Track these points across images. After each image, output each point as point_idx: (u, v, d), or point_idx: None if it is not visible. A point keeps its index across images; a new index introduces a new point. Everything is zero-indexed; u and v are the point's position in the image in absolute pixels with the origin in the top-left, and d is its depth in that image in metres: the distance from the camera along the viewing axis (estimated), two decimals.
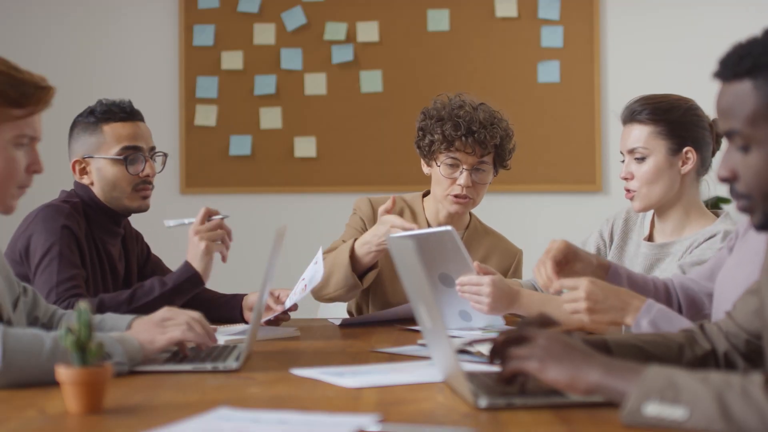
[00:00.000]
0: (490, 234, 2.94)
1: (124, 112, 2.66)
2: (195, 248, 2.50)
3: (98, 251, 2.64)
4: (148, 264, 2.87)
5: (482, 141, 2.71)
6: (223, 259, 2.55)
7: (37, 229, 2.52)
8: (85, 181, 2.66)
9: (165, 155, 2.74)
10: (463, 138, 2.71)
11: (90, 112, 2.68)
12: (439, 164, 2.76)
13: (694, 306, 2.20)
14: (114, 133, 2.63)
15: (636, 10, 4.71)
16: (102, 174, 2.64)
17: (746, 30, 1.50)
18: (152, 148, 2.70)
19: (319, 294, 2.74)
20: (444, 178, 2.76)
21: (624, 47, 4.70)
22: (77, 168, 2.67)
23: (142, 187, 2.66)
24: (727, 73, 1.44)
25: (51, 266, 2.46)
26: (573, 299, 2.00)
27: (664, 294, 2.21)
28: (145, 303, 2.42)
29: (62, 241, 2.50)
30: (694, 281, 2.22)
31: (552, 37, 4.70)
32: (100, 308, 2.38)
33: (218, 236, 2.51)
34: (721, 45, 1.68)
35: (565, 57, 4.70)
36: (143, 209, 2.70)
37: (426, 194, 2.94)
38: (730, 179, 1.46)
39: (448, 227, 2.38)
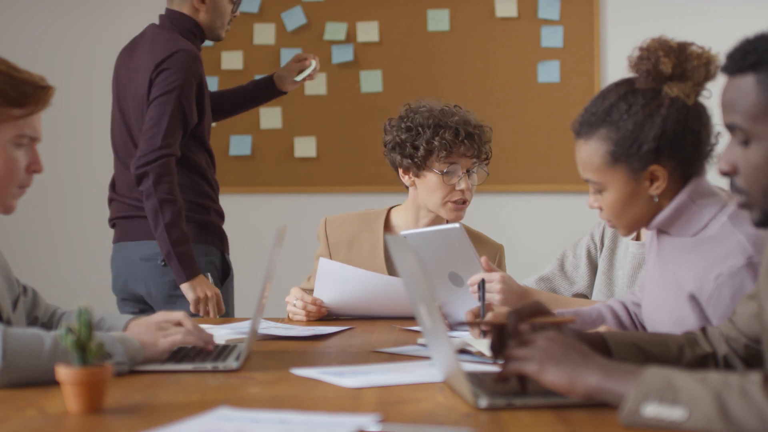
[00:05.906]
0: (472, 233, 2.93)
1: None
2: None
3: None
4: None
5: (480, 143, 2.73)
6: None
7: (177, 66, 2.97)
8: (202, 8, 3.13)
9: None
10: (466, 142, 2.71)
11: None
12: (436, 171, 2.73)
13: None
14: None
15: (636, 11, 4.71)
16: (217, 4, 3.15)
17: (746, 30, 1.50)
18: None
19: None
20: (444, 185, 2.73)
21: (624, 47, 4.67)
22: None
23: (229, 27, 3.24)
24: (731, 66, 1.44)
25: (169, 117, 3.02)
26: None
27: (616, 314, 2.17)
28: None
29: (187, 93, 3.01)
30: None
31: (552, 37, 4.69)
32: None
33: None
34: (721, 45, 1.68)
35: (565, 57, 4.69)
36: (221, 39, 3.28)
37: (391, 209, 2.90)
38: (730, 173, 1.46)
39: (457, 225, 2.39)
